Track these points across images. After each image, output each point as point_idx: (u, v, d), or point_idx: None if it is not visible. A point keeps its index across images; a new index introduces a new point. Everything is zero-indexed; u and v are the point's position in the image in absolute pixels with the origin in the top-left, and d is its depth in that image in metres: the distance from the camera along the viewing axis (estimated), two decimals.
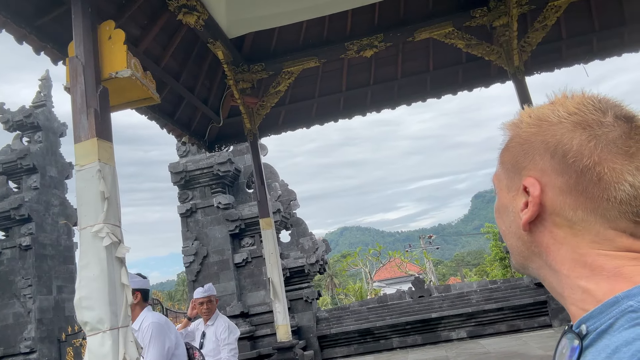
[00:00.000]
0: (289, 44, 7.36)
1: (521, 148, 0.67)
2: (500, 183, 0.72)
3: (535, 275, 0.69)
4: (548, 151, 0.63)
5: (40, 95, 15.54)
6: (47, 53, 4.44)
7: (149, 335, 3.20)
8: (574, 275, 0.61)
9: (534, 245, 0.66)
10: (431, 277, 39.39)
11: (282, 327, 6.67)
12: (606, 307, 0.56)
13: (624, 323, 0.53)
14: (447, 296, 11.87)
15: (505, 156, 0.71)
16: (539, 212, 0.63)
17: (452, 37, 6.87)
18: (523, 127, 0.68)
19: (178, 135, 7.57)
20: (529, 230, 0.65)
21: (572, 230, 0.62)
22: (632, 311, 0.53)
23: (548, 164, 0.63)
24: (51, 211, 14.64)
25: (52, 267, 14.26)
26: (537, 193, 0.63)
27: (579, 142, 0.61)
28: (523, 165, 0.66)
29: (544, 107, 0.68)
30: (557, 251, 0.63)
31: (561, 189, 0.62)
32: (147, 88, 3.59)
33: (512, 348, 7.45)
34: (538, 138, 0.65)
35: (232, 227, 12.14)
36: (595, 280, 0.59)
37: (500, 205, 0.72)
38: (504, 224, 0.71)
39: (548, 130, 0.64)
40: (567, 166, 0.61)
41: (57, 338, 13.66)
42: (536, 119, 0.67)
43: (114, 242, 2.95)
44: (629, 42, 7.53)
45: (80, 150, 3.10)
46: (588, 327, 0.57)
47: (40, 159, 14.66)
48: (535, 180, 0.64)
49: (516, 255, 0.70)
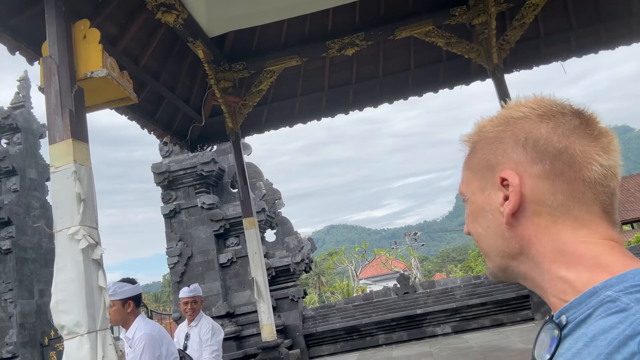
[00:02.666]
0: (271, 43, 7.34)
1: (490, 148, 0.69)
2: (471, 187, 0.73)
3: (515, 275, 0.70)
4: (519, 143, 0.65)
5: (18, 96, 15.26)
6: (22, 53, 4.36)
7: (142, 346, 3.16)
8: (555, 266, 0.63)
9: (515, 240, 0.66)
10: (417, 273, 39.66)
11: (267, 326, 6.66)
12: (585, 298, 0.57)
13: (602, 312, 0.54)
14: (431, 292, 11.96)
15: (472, 161, 0.72)
16: (520, 202, 0.65)
17: (432, 36, 6.92)
18: (487, 129, 0.70)
19: (159, 135, 7.50)
20: (510, 225, 0.66)
21: (553, 217, 0.63)
22: (609, 301, 0.54)
23: (521, 154, 0.65)
24: (32, 214, 14.39)
25: (34, 271, 14.03)
26: (517, 182, 0.64)
27: (547, 130, 0.64)
28: (496, 162, 0.68)
29: (504, 110, 0.71)
30: (539, 242, 0.64)
31: (539, 176, 0.64)
32: (123, 88, 3.54)
33: (494, 342, 7.55)
34: (507, 133, 0.67)
35: (216, 227, 12.06)
36: (575, 270, 0.61)
37: (475, 209, 0.72)
38: (481, 226, 0.71)
39: (516, 124, 0.67)
40: (541, 153, 0.64)
41: (39, 342, 13.45)
42: (501, 119, 0.69)
43: (90, 244, 2.91)
44: (606, 40, 7.66)
45: (55, 152, 3.05)
46: (568, 318, 0.58)
47: (20, 161, 14.41)
48: (513, 171, 0.65)
49: (495, 257, 0.70)
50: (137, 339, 3.21)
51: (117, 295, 3.30)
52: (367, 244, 43.13)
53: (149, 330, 3.28)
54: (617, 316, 0.52)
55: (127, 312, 3.27)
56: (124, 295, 3.25)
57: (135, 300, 3.40)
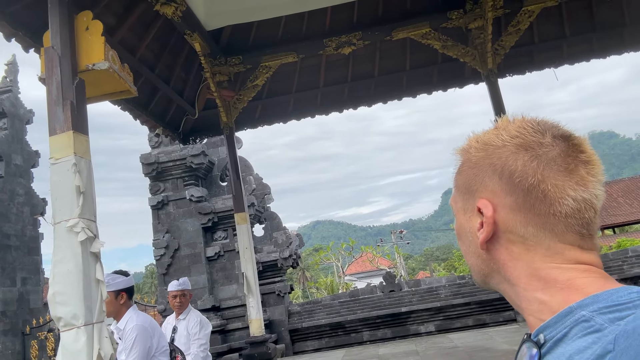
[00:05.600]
0: (268, 39, 7.33)
1: (472, 172, 0.71)
2: (457, 205, 0.76)
3: (496, 290, 0.74)
4: (496, 173, 0.68)
5: (6, 81, 14.99)
6: (19, 40, 4.32)
7: (133, 337, 3.17)
8: (531, 288, 0.65)
9: (492, 262, 0.70)
10: (401, 271, 39.95)
11: (256, 321, 6.69)
12: (561, 317, 0.59)
13: (577, 332, 0.56)
14: (417, 291, 12.09)
15: (459, 180, 0.75)
16: (494, 230, 0.68)
17: (428, 38, 6.98)
18: (472, 152, 0.72)
19: (152, 127, 7.46)
20: (487, 249, 0.70)
21: (526, 246, 0.66)
22: (584, 321, 0.56)
23: (497, 185, 0.67)
24: (16, 200, 14.19)
25: (17, 258, 13.84)
26: (490, 213, 0.67)
27: (523, 163, 0.65)
28: (475, 188, 0.71)
29: (489, 132, 0.72)
30: (513, 267, 0.67)
31: (511, 208, 0.66)
32: (124, 81, 3.53)
33: (479, 342, 7.68)
34: (486, 161, 0.69)
35: (204, 221, 12.02)
36: (550, 292, 0.63)
37: (459, 227, 0.76)
38: (464, 244, 0.75)
39: (494, 153, 0.69)
40: (515, 186, 0.65)
41: (21, 331, 13.30)
42: (482, 144, 0.71)
43: (89, 237, 2.91)
44: (598, 48, 7.80)
45: (55, 143, 3.04)
46: (545, 336, 0.60)
47: (5, 146, 14.18)
48: (488, 201, 0.68)
49: (477, 273, 0.74)
50: (129, 331, 3.22)
51: (110, 287, 3.31)
52: (354, 241, 43.29)
53: (140, 322, 3.29)
54: (592, 336, 0.54)
55: (120, 303, 3.28)
56: (117, 287, 3.26)
57: (128, 292, 3.41)
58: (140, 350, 3.21)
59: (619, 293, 0.57)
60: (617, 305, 0.56)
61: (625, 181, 36.05)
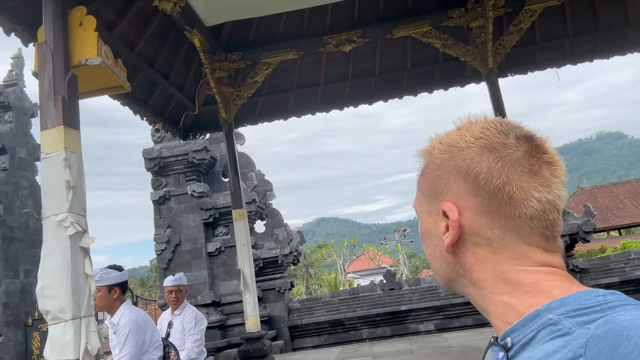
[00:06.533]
0: (268, 35, 7.33)
1: (436, 174, 0.70)
2: (421, 208, 0.74)
3: (461, 293, 0.73)
4: (461, 175, 0.66)
5: (12, 74, 15.08)
6: (18, 35, 4.33)
7: (126, 332, 3.19)
8: (497, 291, 0.64)
9: (458, 265, 0.69)
10: (404, 269, 39.92)
11: (252, 317, 6.72)
12: (528, 320, 0.59)
13: (545, 335, 0.56)
14: (417, 289, 12.08)
15: (423, 182, 0.73)
16: (460, 234, 0.67)
17: (429, 36, 6.95)
18: (435, 153, 0.71)
19: (152, 122, 7.48)
20: (452, 252, 0.69)
21: (492, 249, 0.65)
22: (552, 324, 0.56)
23: (462, 187, 0.66)
24: (20, 193, 14.29)
25: (20, 251, 13.96)
26: (455, 217, 0.66)
27: (488, 165, 0.64)
28: (440, 190, 0.69)
29: (453, 133, 0.71)
30: (479, 270, 0.66)
31: (477, 210, 0.65)
32: (117, 76, 3.54)
33: (474, 342, 7.67)
34: (450, 163, 0.68)
35: (206, 216, 12.06)
36: (516, 295, 0.62)
37: (424, 230, 0.74)
38: (429, 247, 0.73)
39: (458, 155, 0.67)
40: (480, 188, 0.64)
41: (23, 322, 13.42)
42: (446, 146, 0.70)
43: (78, 231, 2.93)
44: (601, 49, 7.72)
45: (46, 138, 3.06)
46: (513, 340, 0.60)
47: (10, 139, 14.27)
48: (453, 204, 0.67)
49: (441, 277, 0.73)
50: (122, 325, 3.24)
51: (103, 282, 3.33)
52: (356, 239, 43.28)
53: (134, 317, 3.31)
54: (560, 340, 0.54)
55: (113, 298, 3.31)
56: (111, 282, 3.28)
57: (121, 287, 3.44)
58: (133, 345, 3.24)
59: (586, 296, 0.57)
60: (585, 309, 0.55)
61: (632, 182, 35.82)
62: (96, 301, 3.28)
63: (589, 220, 11.00)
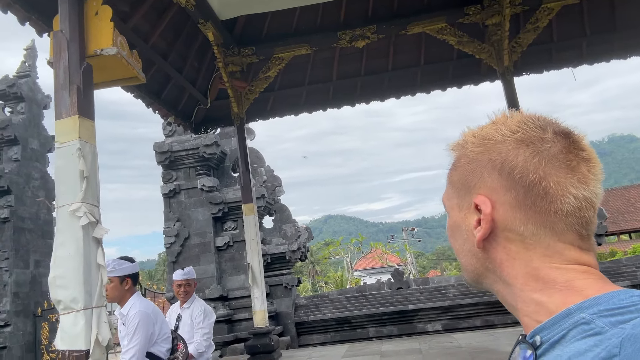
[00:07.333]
0: (281, 30, 7.30)
1: (469, 167, 0.69)
2: (451, 202, 0.73)
3: (488, 290, 0.71)
4: (495, 169, 0.65)
5: (24, 65, 15.17)
6: (32, 24, 4.34)
7: (135, 323, 3.19)
8: (528, 288, 0.63)
9: (488, 261, 0.67)
10: (411, 269, 39.81)
11: (260, 312, 6.71)
12: (559, 319, 0.58)
13: (576, 334, 0.55)
14: (425, 289, 12.02)
15: (454, 176, 0.72)
16: (492, 228, 0.65)
17: (444, 33, 6.87)
18: (469, 147, 0.70)
19: (164, 115, 7.49)
20: (483, 247, 0.67)
21: (524, 245, 0.64)
22: (584, 323, 0.55)
23: (496, 181, 0.65)
24: (31, 184, 14.41)
25: (30, 241, 14.08)
26: (488, 210, 0.65)
27: (524, 159, 0.63)
28: (472, 184, 0.68)
29: (487, 127, 0.69)
30: (510, 266, 0.65)
31: (511, 205, 0.64)
32: (132, 67, 3.53)
33: (484, 343, 7.60)
34: (485, 157, 0.67)
35: (215, 210, 12.08)
36: (548, 293, 0.61)
37: (453, 225, 0.73)
38: (457, 242, 0.72)
39: (493, 148, 0.66)
40: (515, 182, 0.63)
41: (32, 312, 13.54)
42: (481, 139, 0.68)
43: (91, 222, 2.92)
44: (618, 49, 7.60)
45: (60, 127, 3.05)
46: (542, 338, 0.58)
47: (22, 130, 14.38)
48: (486, 197, 0.65)
49: (470, 272, 0.72)
50: (132, 316, 3.24)
51: (116, 272, 3.33)
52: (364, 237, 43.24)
53: (143, 308, 3.31)
54: (593, 339, 0.53)
55: (125, 289, 3.31)
56: (123, 273, 3.28)
57: (133, 278, 3.43)
58: (142, 337, 3.23)
59: (620, 296, 0.56)
60: (619, 309, 0.54)
61: None
62: (108, 292, 3.28)
63: (601, 223, 10.87)
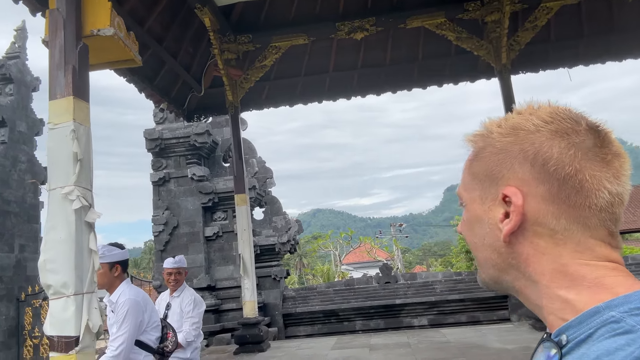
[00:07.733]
0: (279, 18, 7.21)
1: (496, 158, 0.65)
2: (471, 194, 0.69)
3: (508, 288, 0.68)
4: (527, 160, 0.62)
5: (14, 47, 14.87)
6: (26, 3, 4.22)
7: (125, 310, 3.13)
8: (554, 285, 0.61)
9: (511, 256, 0.64)
10: (398, 264, 40.06)
11: (250, 303, 6.67)
12: (586, 317, 0.56)
13: (605, 333, 0.53)
14: (412, 284, 12.07)
15: (477, 167, 0.68)
16: (521, 222, 0.62)
17: (443, 28, 6.85)
18: (495, 136, 0.66)
19: (157, 101, 7.38)
20: (508, 242, 0.64)
21: (554, 240, 0.61)
22: (614, 322, 0.53)
23: (528, 172, 0.62)
24: (18, 167, 14.16)
25: (16, 225, 13.86)
26: (520, 202, 0.62)
27: (559, 150, 0.60)
28: (500, 175, 0.65)
29: (514, 117, 0.66)
30: (537, 262, 0.62)
31: (544, 198, 0.61)
32: (129, 49, 3.45)
33: (472, 339, 7.65)
34: (515, 147, 0.64)
35: (205, 200, 11.98)
36: (576, 291, 0.59)
37: (472, 218, 0.69)
38: (476, 236, 0.69)
39: (526, 138, 0.63)
40: (549, 174, 0.61)
41: (16, 297, 13.36)
42: (510, 128, 0.65)
43: (84, 205, 2.85)
44: (615, 50, 7.65)
45: (54, 108, 2.97)
46: (568, 337, 0.56)
47: (10, 112, 14.11)
48: (517, 189, 0.62)
49: (489, 268, 0.68)
50: (121, 304, 3.18)
51: (105, 259, 3.27)
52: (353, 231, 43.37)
53: (133, 296, 3.25)
54: (623, 338, 0.51)
55: (114, 276, 3.24)
56: (113, 259, 3.21)
57: (122, 265, 3.37)
58: (132, 324, 3.18)
59: None
60: None
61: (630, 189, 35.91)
62: (97, 278, 3.21)
63: None
